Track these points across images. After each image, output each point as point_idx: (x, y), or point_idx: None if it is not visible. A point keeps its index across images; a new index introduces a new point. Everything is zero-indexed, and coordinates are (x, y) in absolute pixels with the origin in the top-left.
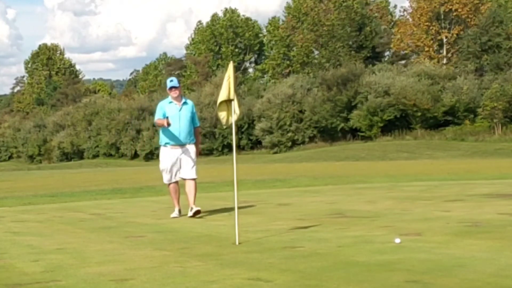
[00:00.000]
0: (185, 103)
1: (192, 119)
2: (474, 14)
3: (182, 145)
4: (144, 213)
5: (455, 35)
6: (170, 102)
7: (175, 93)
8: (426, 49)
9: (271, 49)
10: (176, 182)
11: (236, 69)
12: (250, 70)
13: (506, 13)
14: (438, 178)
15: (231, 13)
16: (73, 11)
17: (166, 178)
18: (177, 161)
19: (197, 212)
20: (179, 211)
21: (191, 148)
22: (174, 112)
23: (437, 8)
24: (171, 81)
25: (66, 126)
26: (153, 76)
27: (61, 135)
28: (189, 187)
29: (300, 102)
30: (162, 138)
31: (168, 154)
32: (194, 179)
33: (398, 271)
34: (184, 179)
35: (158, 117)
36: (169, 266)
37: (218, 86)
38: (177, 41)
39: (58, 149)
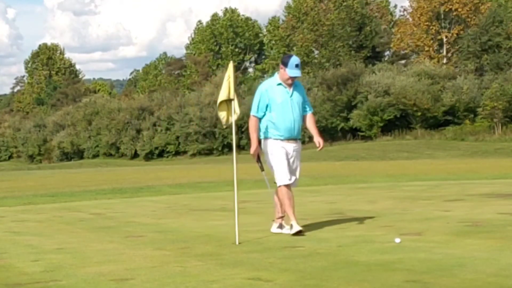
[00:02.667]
0: (296, 86)
1: (304, 105)
2: (474, 14)
3: (295, 140)
4: (144, 213)
5: (455, 35)
6: (279, 84)
7: (291, 80)
8: (426, 48)
9: (271, 49)
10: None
11: (236, 68)
12: (250, 70)
13: (506, 13)
14: (438, 178)
15: (231, 13)
16: (73, 11)
17: (285, 177)
18: (290, 159)
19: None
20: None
21: (300, 148)
22: (283, 98)
23: (437, 8)
24: (294, 58)
25: (66, 126)
26: (153, 76)
27: (61, 135)
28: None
29: None
30: (272, 130)
31: (282, 147)
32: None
33: (398, 271)
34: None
35: (256, 111)
36: (169, 266)
37: (218, 86)
38: (177, 41)
39: (58, 149)
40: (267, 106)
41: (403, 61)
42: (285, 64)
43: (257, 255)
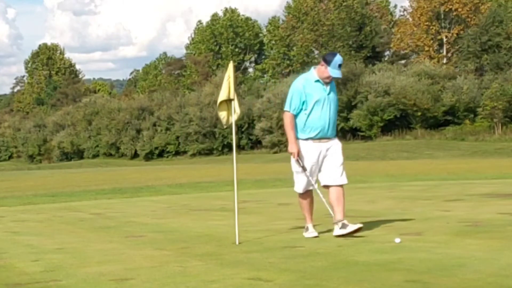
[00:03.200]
0: (331, 83)
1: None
2: (474, 14)
3: (328, 139)
4: (144, 213)
5: (455, 35)
6: (317, 81)
7: (330, 79)
8: (426, 48)
9: (271, 49)
10: (311, 190)
11: (236, 68)
12: (250, 70)
13: (506, 13)
14: (438, 177)
15: (231, 12)
16: (73, 11)
17: (302, 184)
18: (318, 161)
19: (357, 229)
20: (314, 227)
21: (337, 144)
22: (320, 95)
23: (437, 8)
24: (338, 57)
25: (66, 126)
26: (153, 76)
27: (61, 135)
28: (337, 195)
29: None
30: (302, 130)
31: (309, 150)
32: (342, 185)
33: (398, 270)
34: (328, 186)
35: (290, 107)
36: (169, 266)
37: (218, 86)
38: (177, 40)
39: (58, 149)
40: (303, 102)
41: (403, 61)
42: (328, 62)
43: (257, 255)
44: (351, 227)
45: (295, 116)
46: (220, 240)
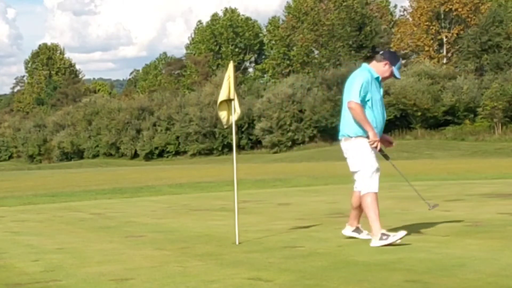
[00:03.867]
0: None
1: None
2: (474, 14)
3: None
4: (144, 213)
5: (455, 35)
6: (376, 78)
7: (387, 78)
8: (426, 48)
9: (271, 48)
10: None
11: (236, 68)
12: (250, 70)
13: (506, 13)
14: (438, 177)
15: (231, 12)
16: (73, 11)
17: (377, 183)
18: None
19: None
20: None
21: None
22: (379, 94)
23: (437, 8)
24: (400, 60)
25: (66, 126)
26: (153, 76)
27: (61, 135)
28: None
29: (300, 101)
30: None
31: (371, 148)
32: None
33: (398, 270)
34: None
35: (360, 95)
36: (169, 266)
37: (218, 86)
38: (177, 40)
39: (58, 149)
40: (370, 99)
41: (403, 61)
42: (393, 63)
43: (257, 255)
44: (366, 236)
45: None
46: (220, 240)
